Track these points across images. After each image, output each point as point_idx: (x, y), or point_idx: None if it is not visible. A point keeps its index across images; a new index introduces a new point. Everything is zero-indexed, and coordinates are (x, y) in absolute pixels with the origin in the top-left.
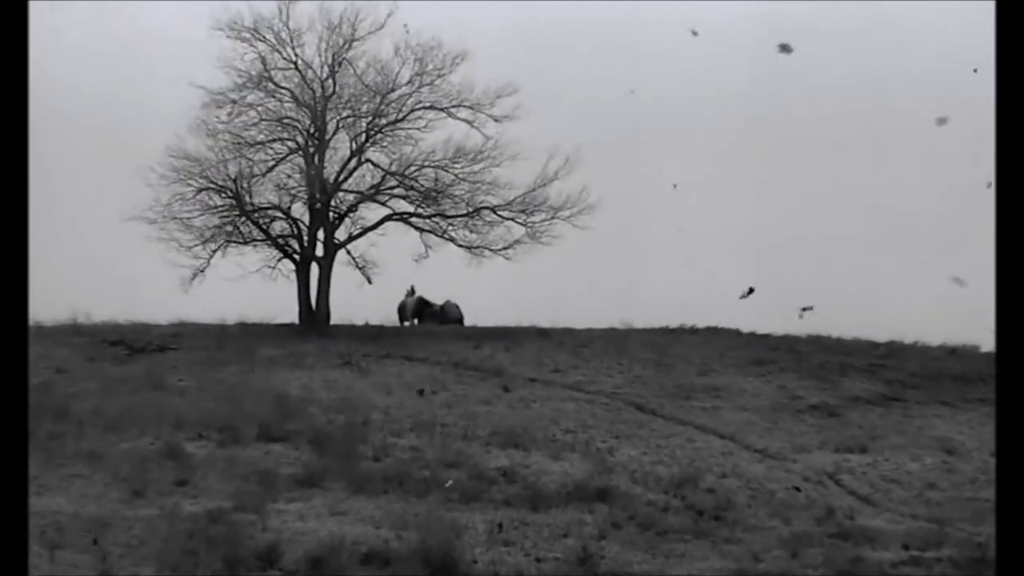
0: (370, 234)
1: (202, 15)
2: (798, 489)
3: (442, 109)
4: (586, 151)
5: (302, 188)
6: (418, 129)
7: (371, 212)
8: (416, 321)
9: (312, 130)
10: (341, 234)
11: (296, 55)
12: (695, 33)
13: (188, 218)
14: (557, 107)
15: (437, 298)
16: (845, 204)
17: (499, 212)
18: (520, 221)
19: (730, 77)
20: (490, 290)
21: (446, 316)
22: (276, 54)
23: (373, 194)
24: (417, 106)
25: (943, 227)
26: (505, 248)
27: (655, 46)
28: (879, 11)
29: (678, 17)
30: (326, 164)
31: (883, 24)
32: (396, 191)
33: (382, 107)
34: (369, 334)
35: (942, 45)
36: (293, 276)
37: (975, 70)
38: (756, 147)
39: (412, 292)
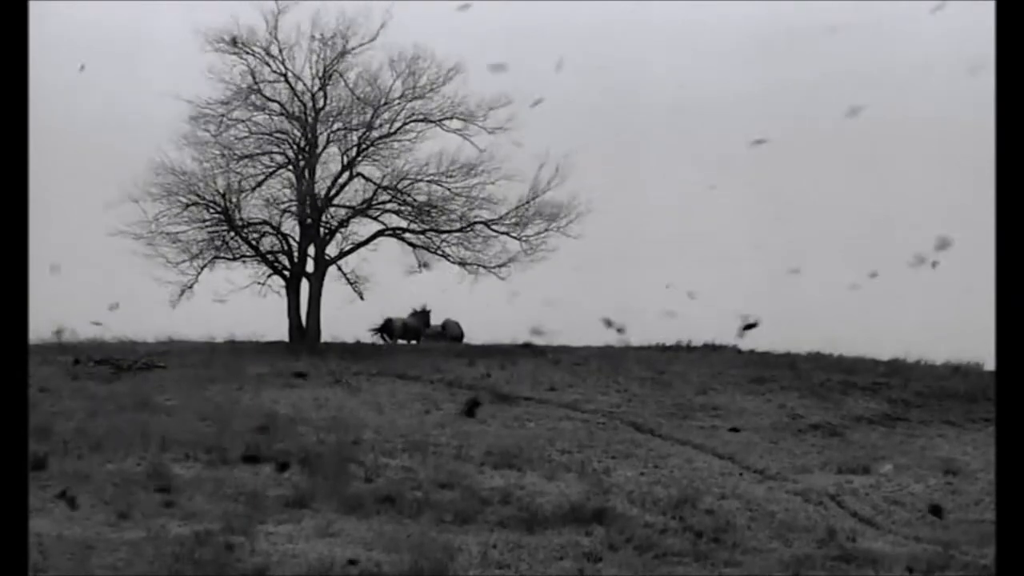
0: (361, 249)
1: (190, 26)
2: None
3: (435, 121)
4: (579, 161)
5: (292, 203)
6: (409, 140)
7: (362, 227)
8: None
9: (303, 143)
10: (332, 249)
11: (286, 67)
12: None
13: (176, 233)
14: (550, 116)
15: (435, 314)
16: (846, 217)
17: (493, 227)
18: (515, 235)
19: (727, 82)
20: (485, 307)
21: (447, 334)
22: (265, 67)
23: (365, 209)
24: (409, 119)
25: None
26: (500, 266)
27: (651, 51)
28: (879, 11)
29: (672, 22)
30: (317, 178)
31: (884, 24)
32: (388, 206)
33: (374, 120)
34: (360, 352)
35: (942, 45)
36: (283, 292)
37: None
38: (753, 157)
39: (418, 312)
